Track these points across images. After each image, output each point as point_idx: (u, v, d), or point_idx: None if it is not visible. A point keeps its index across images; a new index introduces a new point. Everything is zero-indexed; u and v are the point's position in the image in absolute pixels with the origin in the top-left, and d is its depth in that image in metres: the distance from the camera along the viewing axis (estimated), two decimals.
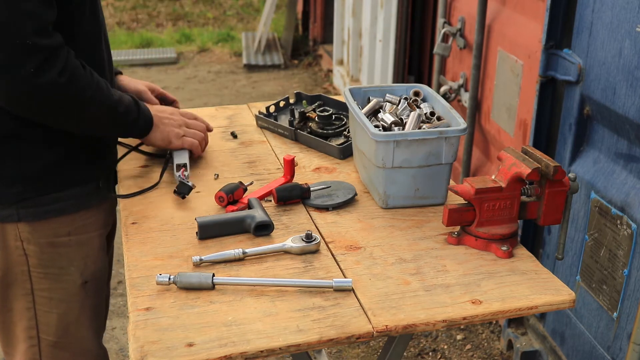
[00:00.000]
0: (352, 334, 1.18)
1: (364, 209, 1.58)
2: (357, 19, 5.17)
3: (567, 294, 1.29)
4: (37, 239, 1.55)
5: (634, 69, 1.92)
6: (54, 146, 1.51)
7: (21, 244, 1.55)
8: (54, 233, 1.57)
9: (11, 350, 1.68)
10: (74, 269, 1.61)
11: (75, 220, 1.59)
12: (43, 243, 1.56)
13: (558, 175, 1.37)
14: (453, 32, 3.19)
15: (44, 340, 1.63)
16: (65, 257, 1.60)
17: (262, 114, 2.00)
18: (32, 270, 1.57)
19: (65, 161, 1.53)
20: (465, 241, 1.44)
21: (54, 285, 1.60)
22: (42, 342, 1.63)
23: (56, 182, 1.54)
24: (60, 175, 1.54)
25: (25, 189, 1.51)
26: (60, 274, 1.60)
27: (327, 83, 6.12)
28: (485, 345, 2.91)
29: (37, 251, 1.56)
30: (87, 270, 1.64)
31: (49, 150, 1.51)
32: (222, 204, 1.55)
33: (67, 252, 1.60)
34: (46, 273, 1.58)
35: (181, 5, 9.21)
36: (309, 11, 7.19)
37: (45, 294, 1.60)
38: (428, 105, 1.71)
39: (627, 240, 2.01)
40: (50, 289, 1.60)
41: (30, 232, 1.54)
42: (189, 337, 1.15)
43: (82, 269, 1.62)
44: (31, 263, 1.57)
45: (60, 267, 1.59)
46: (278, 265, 1.36)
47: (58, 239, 1.58)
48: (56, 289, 1.60)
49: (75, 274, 1.62)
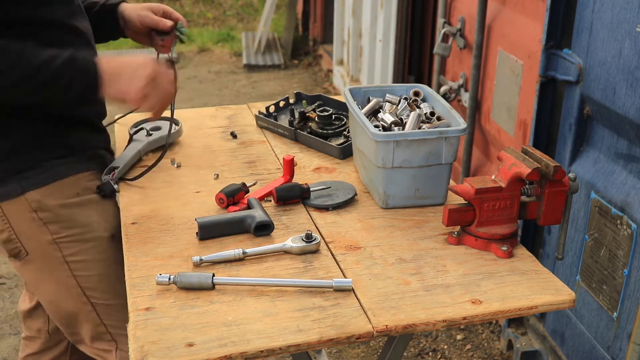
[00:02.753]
0: (352, 334, 1.18)
1: (364, 209, 1.58)
2: (357, 19, 5.17)
3: (567, 294, 1.29)
4: (48, 204, 1.54)
5: (634, 69, 1.92)
6: (40, 115, 1.51)
7: (35, 214, 1.53)
8: (62, 195, 1.55)
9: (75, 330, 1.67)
10: (96, 224, 1.59)
11: (79, 182, 1.58)
12: (55, 206, 1.54)
13: (558, 175, 1.37)
14: (453, 32, 3.19)
15: (98, 305, 1.62)
16: (82, 215, 1.58)
17: (262, 114, 2.00)
18: (56, 237, 1.56)
19: (55, 129, 1.53)
20: (465, 241, 1.44)
21: (84, 246, 1.58)
22: (97, 307, 1.63)
23: (44, 152, 1.53)
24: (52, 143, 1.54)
25: (17, 161, 1.51)
26: (84, 232, 1.58)
27: (327, 83, 6.12)
28: (485, 345, 2.91)
29: (52, 216, 1.54)
30: (109, 224, 1.61)
31: (36, 120, 1.50)
32: (222, 205, 1.55)
33: (82, 211, 1.58)
34: (70, 235, 1.57)
35: (181, 5, 9.21)
36: (309, 11, 7.19)
37: (78, 257, 1.58)
38: (428, 105, 1.71)
39: (627, 240, 2.01)
40: (82, 251, 1.58)
41: (39, 200, 1.53)
42: (189, 337, 1.15)
43: (104, 224, 1.60)
44: (52, 230, 1.55)
45: (81, 225, 1.57)
46: (278, 265, 1.36)
47: (68, 200, 1.56)
48: (87, 250, 1.59)
49: (99, 229, 1.60)
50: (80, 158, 1.60)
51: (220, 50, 7.21)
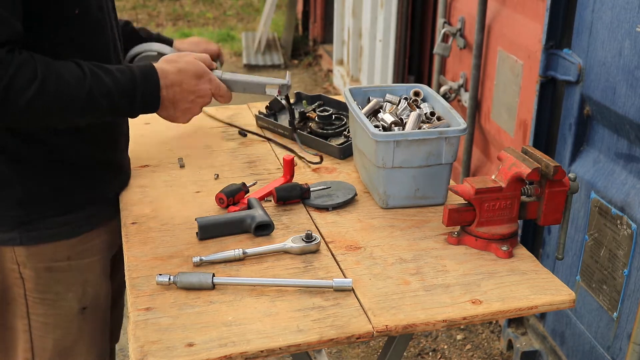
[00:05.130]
0: (352, 334, 1.18)
1: (364, 209, 1.58)
2: (357, 19, 5.17)
3: (567, 294, 1.29)
4: (34, 264, 1.49)
5: (634, 69, 1.92)
6: (57, 168, 1.46)
7: (17, 267, 1.49)
8: (52, 257, 1.51)
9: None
10: (72, 294, 1.55)
11: (75, 244, 1.53)
12: (40, 268, 1.50)
13: (558, 175, 1.37)
14: (453, 32, 3.20)
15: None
16: (62, 282, 1.54)
17: (262, 114, 2.00)
18: (28, 294, 1.51)
19: (70, 183, 1.48)
20: (465, 241, 1.44)
21: (50, 311, 1.54)
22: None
23: (60, 205, 1.49)
24: (65, 197, 1.48)
25: (27, 212, 1.45)
26: (56, 299, 1.54)
27: (327, 83, 6.12)
28: (485, 345, 2.91)
29: (34, 276, 1.50)
30: (86, 297, 1.57)
31: (52, 172, 1.45)
32: (222, 205, 1.55)
33: (65, 277, 1.54)
34: (42, 298, 1.53)
35: (181, 5, 9.21)
36: (309, 11, 7.19)
37: (40, 318, 1.54)
38: (428, 105, 1.71)
39: (627, 240, 2.01)
40: (46, 314, 1.54)
41: (27, 257, 1.48)
42: (189, 337, 1.15)
43: (80, 295, 1.56)
44: (27, 287, 1.51)
45: (56, 292, 1.53)
46: (278, 265, 1.36)
47: (56, 264, 1.52)
48: (52, 315, 1.55)
49: (72, 301, 1.56)
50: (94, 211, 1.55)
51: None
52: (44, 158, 1.44)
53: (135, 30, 1.83)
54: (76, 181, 1.49)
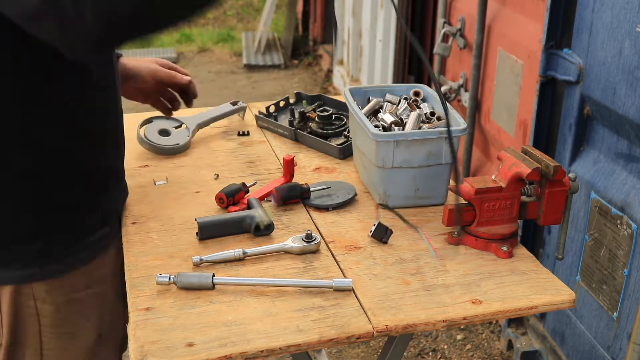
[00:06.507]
0: (352, 334, 1.18)
1: (364, 209, 1.58)
2: (357, 19, 5.17)
3: (567, 294, 1.29)
4: (55, 298, 1.35)
5: (634, 69, 1.92)
6: (73, 186, 1.33)
7: (34, 302, 1.34)
8: (71, 288, 1.37)
9: None
10: (90, 324, 1.43)
11: (92, 270, 1.40)
12: (60, 301, 1.36)
13: (558, 175, 1.37)
14: (453, 32, 3.20)
15: None
16: (80, 314, 1.41)
17: (262, 114, 2.00)
18: (44, 330, 1.37)
19: (87, 202, 1.36)
20: (465, 241, 1.43)
21: (66, 345, 1.41)
22: None
23: (82, 228, 1.36)
24: (84, 219, 1.37)
25: (48, 240, 1.31)
26: (74, 332, 1.41)
27: (327, 83, 6.12)
28: (485, 345, 2.91)
29: (53, 310, 1.36)
30: (103, 324, 1.45)
31: (68, 191, 1.32)
32: (222, 205, 1.55)
33: (83, 309, 1.41)
34: (59, 333, 1.39)
35: None
36: (309, 11, 7.19)
37: (55, 354, 1.40)
38: (428, 105, 1.71)
39: (627, 240, 2.01)
40: (62, 349, 1.41)
41: (47, 291, 1.34)
42: (189, 337, 1.15)
43: (97, 324, 1.44)
44: (43, 323, 1.37)
45: (74, 324, 1.41)
46: (278, 265, 1.36)
47: (75, 295, 1.38)
48: (67, 349, 1.42)
49: (90, 330, 1.43)
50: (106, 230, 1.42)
51: (220, 50, 7.21)
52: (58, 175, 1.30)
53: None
54: (91, 196, 1.37)
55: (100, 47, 1.06)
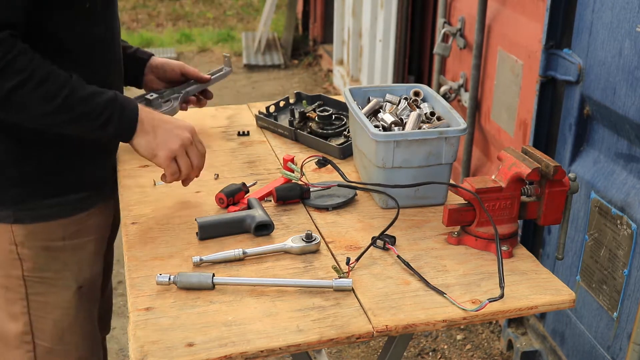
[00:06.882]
0: (352, 334, 1.18)
1: (364, 209, 1.58)
2: (357, 19, 5.17)
3: (567, 294, 1.29)
4: (32, 242, 1.54)
5: (634, 69, 1.93)
6: (52, 148, 1.50)
7: (15, 247, 1.53)
8: (48, 237, 1.55)
9: (5, 357, 1.65)
10: (69, 273, 1.60)
11: (69, 225, 1.58)
12: (38, 246, 1.54)
13: (558, 175, 1.37)
14: (453, 32, 3.20)
15: (39, 346, 1.61)
16: (60, 261, 1.58)
17: (262, 114, 2.00)
18: (27, 274, 1.56)
19: (64, 164, 1.53)
20: (465, 241, 1.44)
21: (49, 290, 1.58)
22: (37, 347, 1.61)
23: (55, 186, 1.54)
24: (59, 178, 1.53)
25: (23, 191, 1.50)
26: (55, 278, 1.59)
27: (327, 83, 6.12)
28: (485, 345, 2.91)
29: (32, 255, 1.54)
30: (81, 275, 1.62)
31: (47, 152, 1.50)
32: (222, 205, 1.55)
33: (62, 257, 1.59)
34: (41, 277, 1.57)
35: (181, 5, 9.21)
36: (309, 11, 7.19)
37: (40, 298, 1.58)
38: (428, 105, 1.71)
39: (627, 240, 2.01)
40: (45, 294, 1.58)
41: (25, 235, 1.53)
42: (189, 337, 1.15)
43: (76, 274, 1.61)
44: (25, 267, 1.55)
45: (55, 270, 1.58)
46: (278, 265, 1.36)
47: (52, 243, 1.56)
48: (51, 294, 1.59)
49: (70, 279, 1.60)
50: (89, 195, 1.60)
51: (220, 50, 7.21)
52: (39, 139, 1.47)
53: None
54: (66, 163, 1.53)
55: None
